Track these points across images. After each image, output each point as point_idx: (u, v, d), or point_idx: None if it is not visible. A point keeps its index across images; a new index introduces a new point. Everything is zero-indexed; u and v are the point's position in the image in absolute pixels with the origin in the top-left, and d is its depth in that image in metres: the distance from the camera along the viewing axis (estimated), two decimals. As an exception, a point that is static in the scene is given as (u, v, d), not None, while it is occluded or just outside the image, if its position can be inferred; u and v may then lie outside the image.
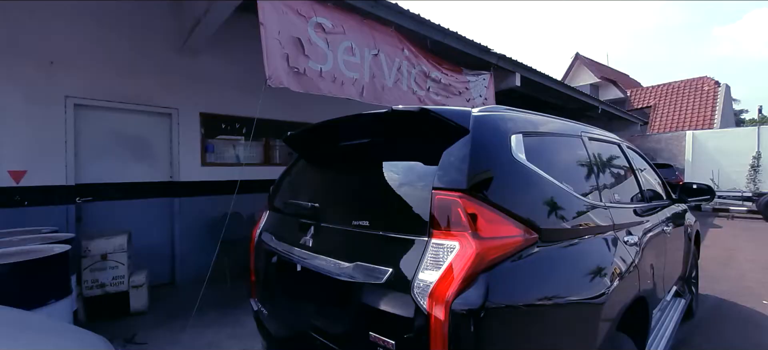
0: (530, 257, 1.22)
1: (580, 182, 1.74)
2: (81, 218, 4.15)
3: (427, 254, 1.12)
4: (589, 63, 21.68)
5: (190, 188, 4.89)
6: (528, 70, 7.28)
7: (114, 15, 4.23)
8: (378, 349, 1.17)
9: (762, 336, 3.22)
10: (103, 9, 4.15)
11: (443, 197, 1.17)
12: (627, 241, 1.78)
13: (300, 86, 3.50)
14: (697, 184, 3.24)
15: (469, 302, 1.02)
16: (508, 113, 1.59)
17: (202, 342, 3.12)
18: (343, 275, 1.31)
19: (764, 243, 7.20)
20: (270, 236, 1.94)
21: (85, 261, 3.57)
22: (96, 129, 4.27)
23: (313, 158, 2.01)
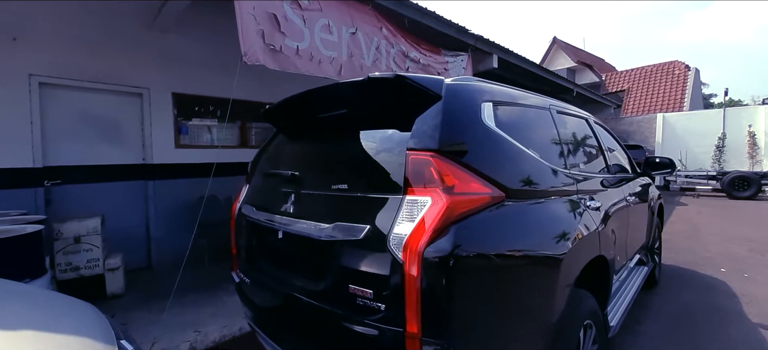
0: (497, 213, 1.29)
1: (547, 150, 1.82)
2: (50, 201, 4.02)
3: (402, 210, 1.17)
4: (566, 47, 22.09)
5: (164, 171, 4.78)
6: (506, 52, 7.38)
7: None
8: (357, 300, 1.23)
9: (717, 298, 3.47)
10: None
11: (416, 157, 1.22)
12: (589, 205, 1.89)
13: (276, 64, 3.46)
14: (660, 157, 3.42)
15: (439, 250, 1.08)
16: (480, 84, 1.65)
17: (183, 320, 3.12)
18: (324, 235, 1.36)
19: (726, 218, 7.66)
20: (250, 208, 1.95)
21: (58, 244, 3.48)
22: (63, 109, 4.10)
23: (292, 131, 2.02)
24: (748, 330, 2.85)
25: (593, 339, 1.84)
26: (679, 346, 2.65)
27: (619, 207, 2.47)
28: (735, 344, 2.65)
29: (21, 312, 1.14)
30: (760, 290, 3.63)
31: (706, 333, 2.81)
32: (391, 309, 1.14)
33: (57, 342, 1.01)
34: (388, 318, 1.15)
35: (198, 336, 2.86)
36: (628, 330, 2.85)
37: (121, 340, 1.18)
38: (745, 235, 6.04)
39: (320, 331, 1.43)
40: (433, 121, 1.29)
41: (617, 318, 2.26)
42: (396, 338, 1.12)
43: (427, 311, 1.08)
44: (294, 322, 1.62)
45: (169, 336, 2.85)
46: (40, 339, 1.00)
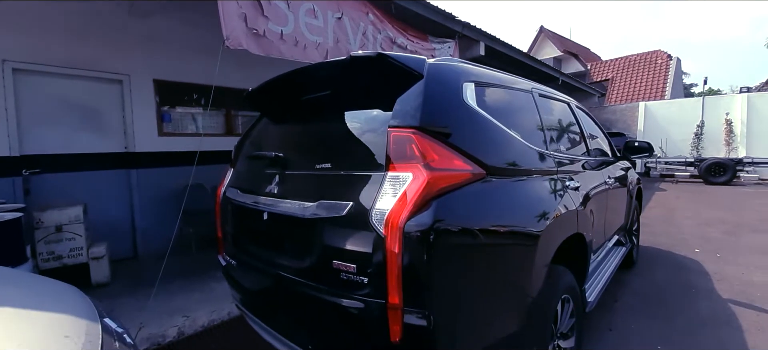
0: (478, 189, 1.33)
1: (528, 131, 1.87)
2: (29, 190, 3.92)
3: (384, 186, 1.20)
4: (553, 36, 22.28)
5: (147, 159, 4.71)
6: (493, 39, 7.42)
7: (53, -30, 3.89)
8: (342, 275, 1.26)
9: (689, 276, 3.63)
10: (39, -37, 3.81)
11: (398, 134, 1.24)
12: (568, 185, 1.95)
13: (260, 49, 3.42)
14: (639, 142, 3.52)
15: (420, 224, 1.11)
16: (462, 64, 1.67)
17: (171, 306, 3.11)
18: (308, 213, 1.38)
19: (702, 203, 7.93)
20: (235, 191, 1.95)
21: (39, 233, 3.42)
22: (40, 97, 3.98)
23: (276, 114, 2.02)
24: (716, 305, 2.99)
25: (571, 312, 1.92)
26: (651, 319, 2.77)
27: (598, 189, 2.55)
28: (703, 317, 2.79)
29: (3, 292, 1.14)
30: (730, 269, 3.80)
31: (678, 308, 2.94)
32: (374, 282, 1.17)
33: (37, 319, 1.01)
34: (371, 290, 1.18)
35: (186, 321, 2.86)
36: (605, 306, 2.97)
37: (105, 319, 1.18)
38: (719, 218, 6.28)
39: (307, 308, 1.46)
40: (414, 99, 1.31)
41: (595, 294, 2.35)
42: (379, 309, 1.16)
43: (408, 282, 1.11)
44: (281, 301, 1.65)
45: (157, 321, 2.85)
46: (20, 316, 1.00)
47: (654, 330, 2.62)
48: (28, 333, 0.93)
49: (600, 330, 2.64)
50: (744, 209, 6.99)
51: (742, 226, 5.65)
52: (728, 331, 2.58)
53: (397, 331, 1.13)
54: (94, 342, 0.95)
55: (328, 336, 1.42)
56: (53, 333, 0.94)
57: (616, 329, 2.65)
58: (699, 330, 2.60)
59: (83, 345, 0.91)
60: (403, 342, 1.13)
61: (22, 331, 0.94)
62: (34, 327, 0.97)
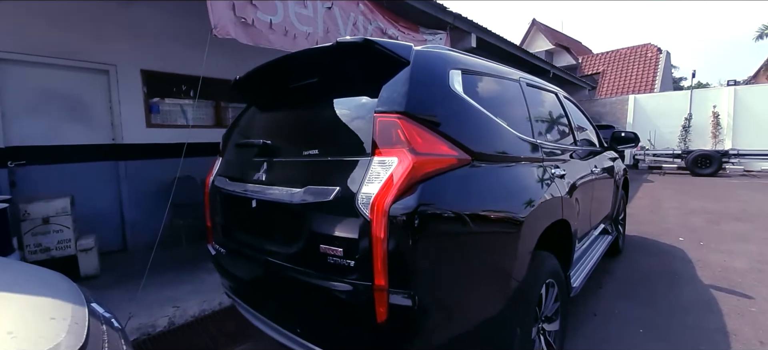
0: (463, 174, 1.35)
1: (515, 119, 1.89)
2: (15, 183, 3.86)
3: (370, 170, 1.21)
4: (545, 29, 22.36)
5: (135, 151, 4.65)
6: (484, 31, 7.43)
7: (35, -43, 3.79)
8: (329, 259, 1.27)
9: (673, 263, 3.72)
10: (21, -51, 3.71)
11: (384, 119, 1.25)
12: (554, 173, 1.99)
13: (248, 38, 3.39)
14: (625, 132, 3.58)
15: (405, 207, 1.13)
16: (449, 52, 1.69)
17: (162, 297, 3.11)
18: (296, 199, 1.39)
19: (687, 193, 8.09)
20: (224, 180, 1.95)
21: (25, 225, 3.37)
22: (24, 87, 3.90)
23: (263, 102, 2.02)
24: (698, 290, 3.08)
25: (555, 297, 1.97)
26: (634, 303, 2.84)
27: (584, 178, 2.59)
28: (685, 302, 2.87)
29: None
30: (713, 256, 3.90)
31: (660, 293, 3.02)
32: (361, 265, 1.19)
33: (24, 302, 1.01)
34: (358, 273, 1.20)
35: (177, 311, 2.86)
36: (590, 292, 3.04)
37: (92, 303, 1.19)
38: (703, 208, 6.42)
39: (295, 293, 1.48)
40: (400, 85, 1.32)
41: (580, 280, 2.40)
42: (366, 292, 1.18)
43: (394, 264, 1.13)
44: (270, 287, 1.66)
45: (147, 311, 2.85)
46: (7, 299, 1.00)
47: (637, 314, 2.69)
48: (15, 315, 0.94)
49: (585, 314, 2.70)
50: (728, 200, 7.15)
51: (725, 215, 5.79)
52: (708, 315, 2.66)
53: (383, 312, 1.15)
54: (80, 324, 0.96)
55: (317, 320, 1.44)
56: (40, 316, 0.95)
57: (600, 313, 2.72)
58: (680, 314, 2.68)
59: (69, 327, 0.92)
60: (388, 322, 1.15)
61: (9, 314, 0.94)
62: (21, 310, 0.97)
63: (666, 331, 2.46)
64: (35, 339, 0.83)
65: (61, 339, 0.85)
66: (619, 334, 2.45)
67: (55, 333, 0.87)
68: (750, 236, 4.62)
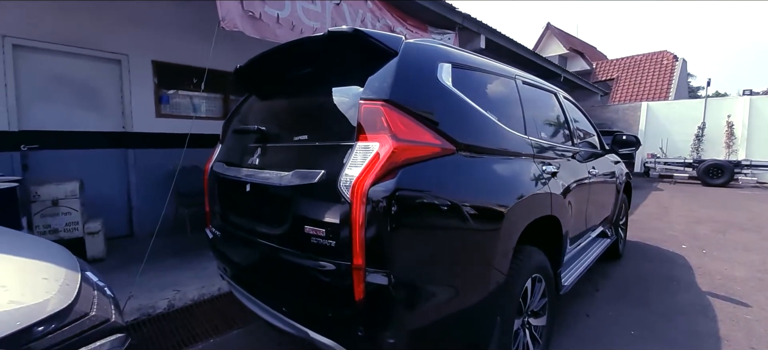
0: (445, 163, 1.38)
1: (506, 114, 1.91)
2: (27, 166, 4.00)
3: (353, 155, 1.26)
4: (559, 34, 22.13)
5: (145, 140, 4.78)
6: (494, 33, 7.41)
7: (53, -52, 3.93)
8: (312, 239, 1.32)
9: (673, 270, 3.68)
10: (40, -60, 3.84)
11: (368, 105, 1.30)
12: (545, 169, 2.00)
13: (255, 31, 3.47)
14: (627, 135, 3.56)
15: (384, 190, 1.17)
16: (440, 45, 1.72)
17: (163, 281, 3.20)
18: (284, 182, 1.44)
19: (696, 202, 7.96)
20: (222, 165, 2.02)
21: (35, 206, 3.50)
22: (39, 73, 4.04)
23: (261, 90, 2.08)
24: (694, 296, 3.05)
25: (542, 292, 1.98)
26: (629, 306, 2.83)
27: (579, 177, 2.60)
28: (681, 306, 2.85)
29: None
30: (714, 264, 3.85)
31: (657, 298, 3.00)
32: (341, 245, 1.23)
33: (20, 263, 1.08)
34: (338, 253, 1.24)
35: (177, 295, 2.95)
36: (585, 294, 3.03)
37: (87, 272, 1.25)
38: (711, 217, 6.32)
39: (282, 273, 1.53)
40: (387, 74, 1.36)
41: (572, 279, 2.41)
42: (345, 271, 1.22)
43: (371, 244, 1.17)
44: (260, 268, 1.72)
45: (148, 293, 2.94)
46: (4, 260, 1.07)
47: (630, 317, 2.68)
48: (10, 273, 1.00)
49: (578, 315, 2.70)
50: (736, 210, 7.02)
51: (732, 225, 5.69)
52: (703, 320, 2.64)
53: (361, 291, 1.19)
54: (72, 286, 1.02)
55: (301, 298, 1.49)
56: (34, 275, 1.01)
57: (593, 315, 2.72)
58: (674, 318, 2.66)
59: (60, 287, 0.98)
60: (365, 301, 1.19)
61: (7, 271, 1.01)
62: (17, 269, 1.04)
63: (658, 334, 2.46)
64: (26, 293, 0.89)
65: (51, 295, 0.91)
66: (610, 335, 2.45)
67: (46, 290, 0.93)
68: (755, 246, 4.54)
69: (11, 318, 0.79)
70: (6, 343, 0.75)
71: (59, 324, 0.86)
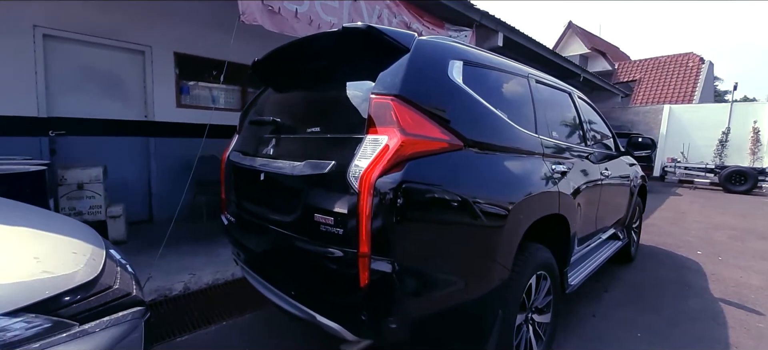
0: (452, 158, 1.42)
1: (517, 113, 1.93)
2: (55, 151, 4.19)
3: (363, 147, 1.31)
4: (581, 33, 21.65)
5: (165, 129, 4.93)
6: (512, 31, 7.33)
7: (83, -59, 4.08)
8: (321, 227, 1.38)
9: (685, 275, 3.62)
10: (71, -66, 4.00)
11: (379, 100, 1.34)
12: (554, 168, 2.01)
13: (274, 26, 3.54)
14: (643, 138, 3.51)
15: (391, 181, 1.22)
16: (452, 43, 1.75)
17: (179, 265, 3.32)
18: (296, 171, 1.50)
19: (715, 209, 7.74)
20: (238, 155, 2.10)
21: (61, 189, 3.67)
22: (67, 62, 4.22)
23: (277, 83, 2.15)
24: (706, 302, 3.01)
25: (548, 290, 2.00)
26: (637, 310, 2.81)
27: (591, 178, 2.59)
28: (691, 312, 2.82)
29: (21, 217, 1.31)
30: (729, 271, 3.77)
31: (667, 302, 2.97)
32: (349, 233, 1.28)
33: (52, 238, 1.17)
34: (345, 240, 1.30)
35: (192, 278, 3.07)
36: (594, 296, 3.02)
37: (111, 250, 1.34)
38: (729, 224, 6.15)
39: (292, 258, 1.60)
40: (398, 70, 1.40)
41: (579, 278, 2.41)
42: (351, 258, 1.27)
43: (377, 233, 1.22)
44: (272, 254, 1.79)
45: (165, 276, 3.06)
46: (38, 235, 1.16)
47: (637, 320, 2.67)
48: (43, 246, 1.09)
49: (584, 316, 2.70)
50: (757, 218, 6.80)
51: (751, 233, 5.53)
52: (712, 326, 2.61)
53: (365, 277, 1.24)
54: (97, 261, 1.10)
55: (309, 283, 1.55)
56: (63, 250, 1.10)
57: (600, 316, 2.71)
58: (683, 323, 2.64)
59: (87, 261, 1.06)
60: (369, 287, 1.24)
61: (40, 245, 1.10)
62: (48, 243, 1.13)
63: (665, 338, 2.44)
64: (57, 265, 0.97)
65: (80, 268, 1.00)
66: (615, 336, 2.44)
67: (74, 263, 1.01)
68: (774, 255, 4.42)
69: (44, 286, 0.88)
70: (39, 307, 0.83)
71: (86, 294, 0.94)
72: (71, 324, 0.85)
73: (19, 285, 0.86)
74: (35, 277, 0.89)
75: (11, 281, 0.86)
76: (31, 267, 0.93)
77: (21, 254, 0.99)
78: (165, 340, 2.29)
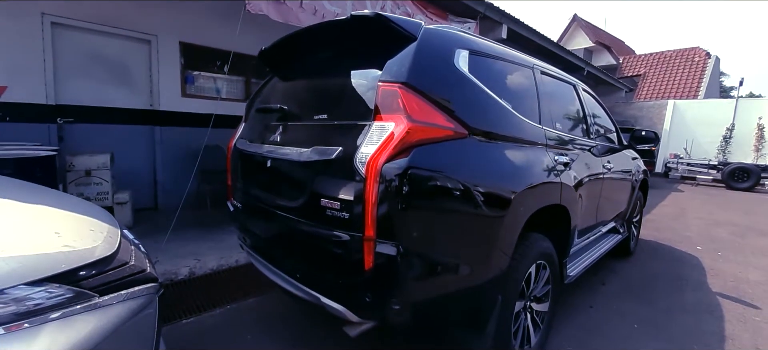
0: (457, 146, 1.46)
1: (521, 103, 1.96)
2: (63, 137, 4.24)
3: (370, 133, 1.34)
4: (586, 26, 21.48)
5: (170, 118, 4.97)
6: (516, 23, 7.31)
7: (89, -71, 4.09)
8: (328, 212, 1.42)
9: (683, 269, 3.66)
10: None
11: (386, 87, 1.37)
12: (557, 159, 2.04)
13: (279, 15, 3.56)
14: (645, 131, 3.53)
15: (397, 167, 1.26)
16: (458, 33, 1.77)
17: (185, 251, 3.38)
18: (303, 157, 1.54)
19: (716, 205, 7.76)
20: (244, 142, 2.13)
21: (70, 175, 3.73)
22: (74, 50, 4.26)
23: (284, 71, 2.17)
24: (703, 296, 3.05)
25: (547, 279, 2.04)
26: (634, 302, 2.86)
27: (593, 171, 2.61)
28: (687, 305, 2.86)
29: (39, 196, 1.36)
30: (728, 266, 3.81)
31: (664, 295, 3.01)
32: (355, 217, 1.32)
33: (71, 217, 1.21)
34: (351, 224, 1.33)
35: (197, 263, 3.13)
36: (591, 288, 3.07)
37: (124, 230, 1.39)
38: (730, 220, 6.17)
39: (298, 241, 1.64)
40: (405, 58, 1.43)
41: (577, 270, 2.45)
42: (357, 241, 1.31)
43: (382, 217, 1.26)
44: (278, 239, 1.83)
45: (171, 261, 3.12)
46: (58, 214, 1.21)
47: (634, 311, 2.71)
48: (64, 223, 1.14)
49: (582, 306, 2.75)
50: (759, 215, 6.82)
51: (752, 229, 5.55)
52: (708, 319, 2.65)
53: (370, 260, 1.28)
54: (114, 238, 1.15)
55: (314, 266, 1.60)
56: (82, 227, 1.15)
57: (597, 307, 2.76)
58: (679, 315, 2.68)
59: (105, 238, 1.11)
60: (373, 269, 1.29)
61: (60, 222, 1.15)
62: (67, 221, 1.17)
63: (661, 329, 2.49)
64: (77, 240, 1.02)
65: (98, 244, 1.04)
66: (612, 327, 2.49)
67: (93, 239, 1.06)
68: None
69: (67, 259, 0.92)
70: (61, 278, 0.87)
71: (104, 268, 0.98)
72: (92, 295, 0.89)
73: (41, 256, 0.91)
74: (57, 250, 0.94)
75: (34, 253, 0.91)
76: (52, 241, 0.97)
77: (42, 229, 1.04)
78: (171, 322, 2.35)
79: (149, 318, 1.07)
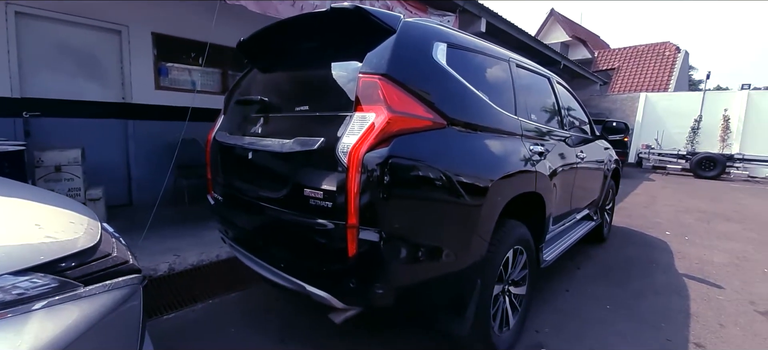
0: (435, 136, 1.49)
1: (498, 95, 2.01)
2: (30, 132, 4.06)
3: (351, 124, 1.36)
4: (562, 20, 21.94)
5: (144, 111, 4.83)
6: (495, 17, 7.41)
7: None
8: (311, 201, 1.43)
9: (653, 253, 3.86)
10: None
11: (366, 79, 1.39)
12: (532, 149, 2.11)
13: (257, 6, 3.51)
14: (616, 122, 3.67)
15: (378, 156, 1.28)
16: (436, 26, 1.81)
17: (163, 247, 3.32)
18: (285, 148, 1.54)
19: (685, 193, 8.14)
20: (224, 134, 2.11)
21: (39, 171, 3.58)
22: (40, 41, 4.07)
23: (263, 63, 2.16)
24: (671, 278, 3.22)
25: (524, 264, 2.12)
26: (607, 285, 3.00)
27: (567, 160, 2.71)
28: (656, 286, 3.02)
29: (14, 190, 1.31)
30: (694, 249, 4.03)
31: (634, 277, 3.17)
32: (338, 206, 1.34)
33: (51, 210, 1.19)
34: (335, 213, 1.35)
35: (177, 259, 3.08)
36: (567, 273, 3.19)
37: (104, 223, 1.36)
38: (697, 207, 6.50)
39: (281, 232, 1.65)
40: (385, 50, 1.45)
41: (553, 255, 2.55)
42: (341, 229, 1.33)
43: (365, 205, 1.28)
44: (260, 228, 1.83)
45: (150, 257, 3.06)
46: (38, 207, 1.18)
47: (607, 293, 2.84)
48: (43, 216, 1.12)
49: (558, 290, 2.86)
50: (724, 202, 7.21)
51: (718, 215, 5.87)
52: (675, 298, 2.81)
53: (353, 247, 1.31)
54: (95, 230, 1.13)
55: (298, 255, 1.61)
56: (62, 219, 1.13)
57: (572, 290, 2.88)
58: (649, 296, 2.83)
59: (85, 230, 1.09)
60: (357, 256, 1.31)
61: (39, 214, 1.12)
62: (47, 214, 1.15)
63: (632, 309, 2.62)
64: (58, 231, 1.00)
65: (80, 235, 1.03)
66: (587, 309, 2.60)
67: (74, 231, 1.04)
68: (736, 235, 4.72)
69: (49, 249, 0.91)
70: (45, 268, 0.86)
71: (88, 259, 0.97)
72: (76, 285, 0.89)
73: (25, 246, 0.89)
74: (39, 241, 0.93)
75: (17, 243, 0.89)
76: (33, 232, 0.96)
77: (21, 222, 1.02)
78: (152, 318, 2.31)
79: (134, 309, 1.07)
